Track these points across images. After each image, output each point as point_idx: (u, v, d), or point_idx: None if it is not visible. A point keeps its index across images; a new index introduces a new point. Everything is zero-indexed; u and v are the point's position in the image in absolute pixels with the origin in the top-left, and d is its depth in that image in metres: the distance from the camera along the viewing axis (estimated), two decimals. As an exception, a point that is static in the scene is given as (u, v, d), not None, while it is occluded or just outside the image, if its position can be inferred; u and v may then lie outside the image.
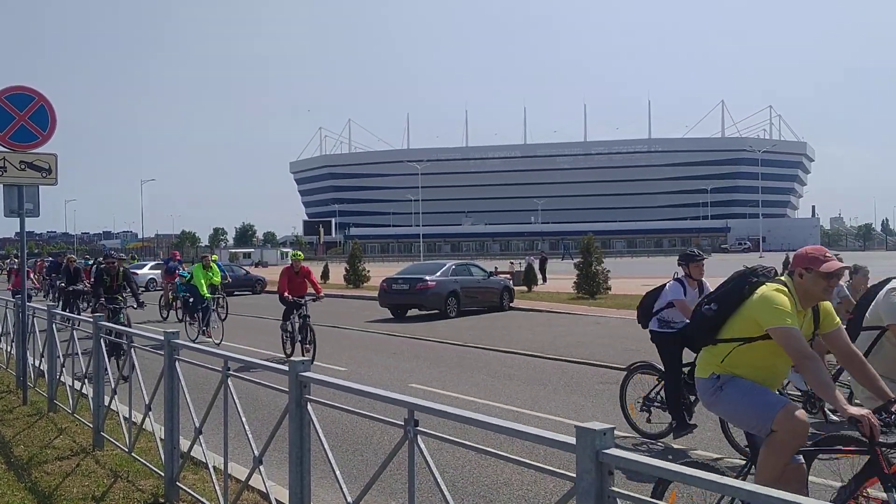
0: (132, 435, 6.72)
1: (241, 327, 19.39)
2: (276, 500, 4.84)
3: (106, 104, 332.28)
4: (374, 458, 6.93)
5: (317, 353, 13.02)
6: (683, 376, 7.34)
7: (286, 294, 13.50)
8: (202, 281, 16.56)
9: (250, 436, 4.95)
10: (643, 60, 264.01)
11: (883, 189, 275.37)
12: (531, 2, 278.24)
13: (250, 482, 5.12)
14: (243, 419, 5.01)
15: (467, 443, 3.50)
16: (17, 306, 10.56)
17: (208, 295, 16.46)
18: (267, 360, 6.13)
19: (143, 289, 30.24)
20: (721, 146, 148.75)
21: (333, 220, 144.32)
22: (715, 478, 2.45)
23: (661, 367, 7.66)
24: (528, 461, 3.09)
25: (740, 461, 6.32)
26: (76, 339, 8.87)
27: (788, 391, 7.65)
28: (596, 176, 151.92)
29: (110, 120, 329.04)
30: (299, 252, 14.35)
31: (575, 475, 2.70)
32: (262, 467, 4.79)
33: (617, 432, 2.78)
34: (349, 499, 3.99)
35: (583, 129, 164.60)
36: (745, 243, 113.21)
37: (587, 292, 26.22)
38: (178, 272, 21.79)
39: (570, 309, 22.93)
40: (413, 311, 22.40)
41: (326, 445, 4.22)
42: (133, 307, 13.05)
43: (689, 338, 4.82)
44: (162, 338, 5.96)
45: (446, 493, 3.38)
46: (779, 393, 4.52)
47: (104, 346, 7.81)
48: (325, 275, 41.05)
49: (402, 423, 3.55)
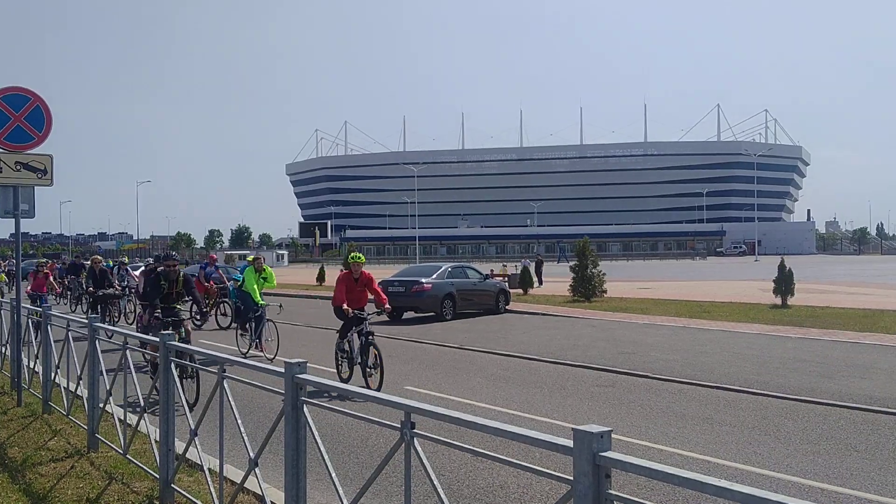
0: (127, 437, 6.70)
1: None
2: (272, 502, 4.82)
3: (101, 105, 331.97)
4: (369, 461, 6.92)
5: (315, 357, 12.50)
6: None
7: (345, 307, 10.98)
8: (254, 286, 14.38)
9: (246, 438, 4.94)
10: (640, 64, 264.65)
11: (878, 193, 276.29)
12: (528, 4, 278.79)
13: (246, 484, 5.11)
14: (239, 421, 4.99)
15: (464, 445, 3.49)
16: (13, 308, 10.52)
17: (262, 302, 14.27)
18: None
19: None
20: (717, 150, 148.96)
21: (329, 222, 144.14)
22: (711, 480, 2.44)
23: None
24: (525, 464, 3.08)
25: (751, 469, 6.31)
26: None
27: None
28: (592, 179, 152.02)
29: (106, 121, 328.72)
30: (359, 254, 11.50)
31: (572, 478, 2.70)
32: (257, 469, 4.78)
33: (614, 436, 2.78)
34: (345, 501, 3.98)
35: (579, 132, 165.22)
36: (741, 247, 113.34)
37: (583, 295, 26.21)
38: (214, 276, 20.96)
39: (566, 312, 22.93)
40: (409, 314, 22.38)
41: (322, 448, 4.21)
42: (196, 322, 11.02)
43: None
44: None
45: (443, 495, 3.37)
46: None
47: (163, 368, 6.19)
48: (321, 277, 41.05)
49: (399, 426, 3.54)
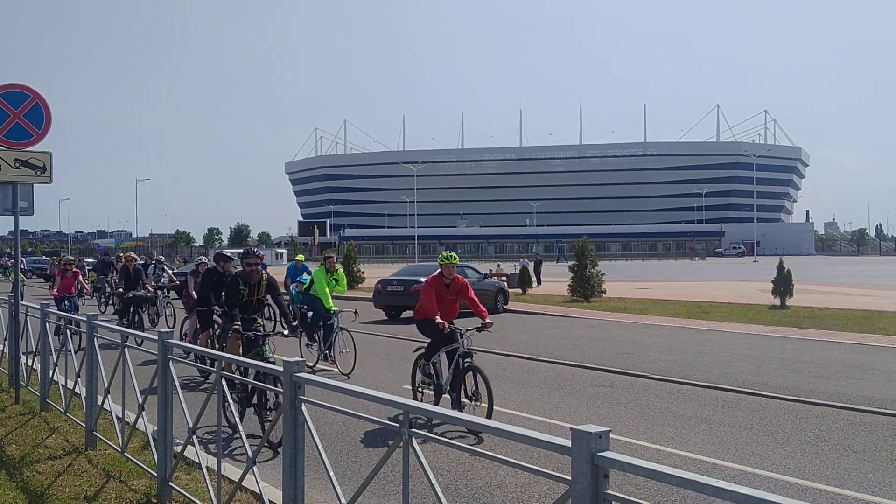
0: (125, 435, 6.69)
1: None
2: (270, 500, 4.82)
3: (100, 103, 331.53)
4: (368, 460, 6.92)
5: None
6: None
7: (439, 320, 8.57)
8: (326, 290, 12.60)
9: (244, 436, 4.93)
10: (639, 64, 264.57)
11: (877, 194, 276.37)
12: (528, 4, 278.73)
13: (244, 483, 5.11)
14: (238, 419, 4.99)
15: (462, 444, 3.49)
16: (11, 305, 10.50)
17: (335, 308, 12.41)
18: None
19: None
20: (716, 150, 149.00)
21: (328, 220, 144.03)
22: (709, 481, 2.44)
23: None
24: (523, 463, 3.08)
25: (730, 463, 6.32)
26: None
27: None
28: (591, 179, 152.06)
29: (105, 119, 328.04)
30: (452, 253, 9.22)
31: (570, 478, 2.70)
32: (255, 468, 4.78)
33: (612, 436, 2.78)
34: (343, 500, 3.98)
35: (578, 131, 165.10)
36: (740, 248, 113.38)
37: (581, 295, 26.22)
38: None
39: (565, 311, 22.94)
40: (408, 313, 22.35)
41: (321, 446, 4.21)
42: (284, 334, 8.43)
43: None
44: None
45: (440, 495, 3.37)
46: None
47: (228, 394, 5.41)
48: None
49: (397, 425, 3.54)
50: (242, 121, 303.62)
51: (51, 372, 9.08)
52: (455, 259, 9.08)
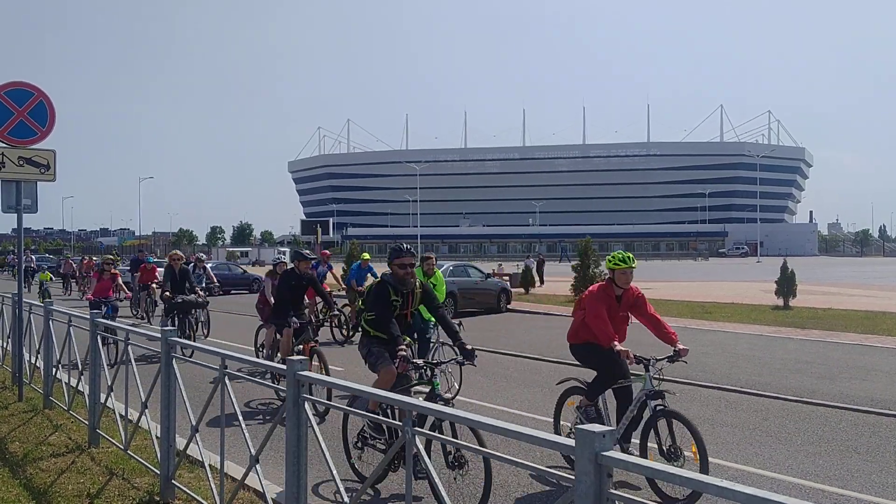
0: (128, 432, 6.70)
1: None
2: (272, 499, 4.82)
3: (104, 101, 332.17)
4: (370, 458, 6.92)
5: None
6: None
7: (618, 347, 6.38)
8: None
9: (247, 434, 4.94)
10: (643, 64, 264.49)
11: (880, 195, 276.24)
12: (531, 4, 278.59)
13: (246, 481, 5.11)
14: (240, 417, 5.00)
15: (465, 444, 3.49)
16: (15, 303, 10.52)
17: (433, 319, 9.77)
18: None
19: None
20: (719, 150, 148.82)
21: (331, 219, 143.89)
22: (713, 480, 2.44)
23: None
24: (526, 462, 3.08)
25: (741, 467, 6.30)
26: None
27: None
28: (594, 179, 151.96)
29: (108, 117, 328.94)
30: (628, 254, 6.86)
31: (574, 477, 2.70)
32: (258, 466, 4.78)
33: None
34: (346, 499, 3.98)
35: (581, 131, 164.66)
36: (743, 248, 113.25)
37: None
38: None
39: (568, 311, 22.89)
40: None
41: (324, 445, 4.21)
42: (463, 362, 6.56)
43: None
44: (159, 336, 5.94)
45: (443, 493, 3.37)
46: None
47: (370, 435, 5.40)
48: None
49: (400, 424, 3.54)
50: (246, 120, 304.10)
51: (54, 370, 9.09)
52: (633, 262, 6.65)
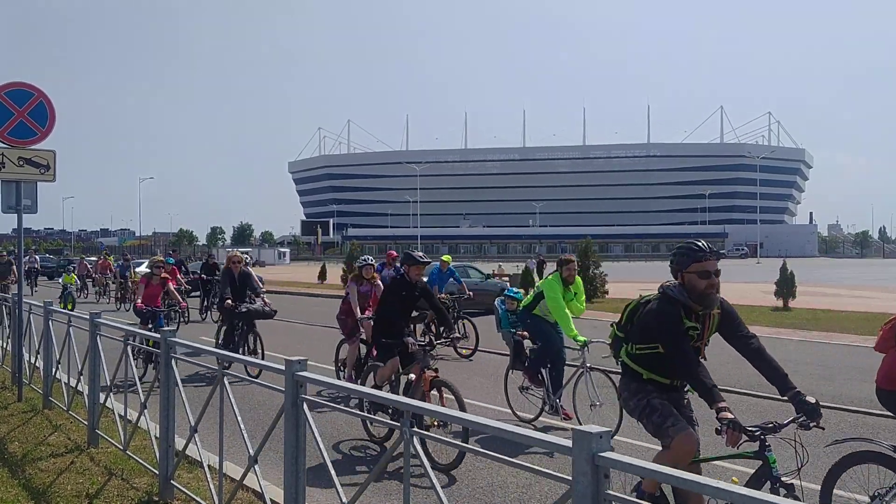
0: (127, 433, 6.70)
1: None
2: (271, 499, 4.83)
3: (104, 102, 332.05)
4: (369, 459, 6.92)
5: (312, 353, 11.92)
6: None
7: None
8: (564, 311, 8.39)
9: (245, 435, 4.94)
10: (643, 65, 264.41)
11: (881, 197, 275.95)
12: (532, 4, 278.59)
13: (245, 481, 5.11)
14: (239, 418, 5.00)
15: (463, 444, 3.50)
16: (15, 303, 10.52)
17: (582, 337, 8.11)
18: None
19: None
20: (720, 151, 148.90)
21: (331, 220, 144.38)
22: (710, 482, 2.44)
23: None
24: (524, 464, 3.08)
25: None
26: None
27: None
28: (594, 180, 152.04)
29: (109, 117, 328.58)
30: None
31: (571, 478, 2.70)
32: (257, 467, 4.78)
33: (618, 437, 2.78)
34: (344, 499, 3.98)
35: (582, 132, 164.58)
36: (743, 249, 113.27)
37: (584, 295, 26.23)
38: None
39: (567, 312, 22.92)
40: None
41: (322, 445, 4.22)
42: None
43: None
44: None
45: (441, 494, 3.38)
46: None
47: None
48: (322, 275, 41.08)
49: (399, 424, 3.54)
50: (246, 120, 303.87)
51: (53, 370, 9.10)
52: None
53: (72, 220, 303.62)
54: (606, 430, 2.69)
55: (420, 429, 3.82)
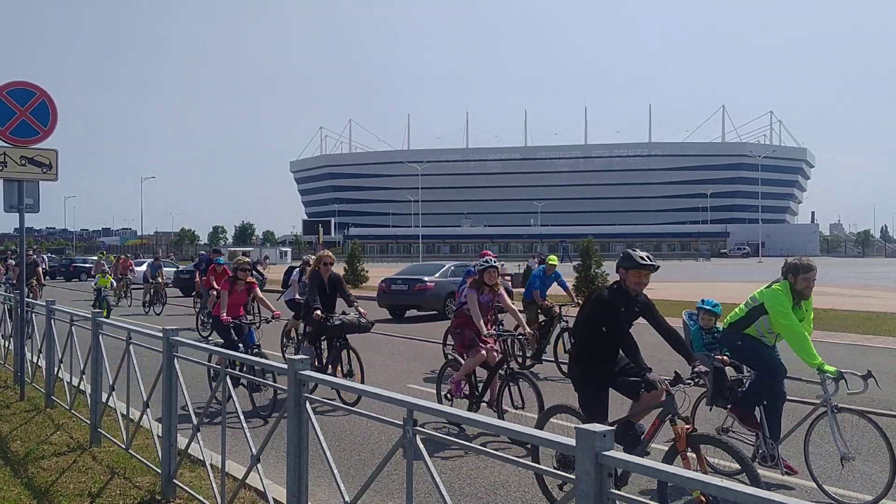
0: (129, 432, 6.71)
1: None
2: (274, 498, 4.83)
3: (106, 101, 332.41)
4: (371, 458, 6.92)
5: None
6: None
7: None
8: (801, 333, 6.39)
9: (248, 434, 4.94)
10: (644, 64, 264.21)
11: (882, 196, 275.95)
12: (533, 4, 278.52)
13: (247, 480, 5.11)
14: (241, 417, 5.00)
15: (466, 443, 3.49)
16: (17, 302, 10.52)
17: (830, 368, 6.27)
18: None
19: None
20: (721, 151, 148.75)
21: (333, 219, 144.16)
22: (714, 480, 2.44)
23: None
24: (527, 462, 3.08)
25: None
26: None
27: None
28: (596, 179, 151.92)
29: (110, 117, 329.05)
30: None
31: (574, 477, 2.70)
32: (259, 466, 4.78)
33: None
34: (346, 498, 3.98)
35: (583, 132, 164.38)
36: (744, 248, 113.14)
37: (586, 295, 26.22)
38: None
39: (569, 312, 22.91)
40: (412, 312, 22.38)
41: (325, 444, 4.21)
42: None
43: None
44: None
45: (444, 493, 3.37)
46: None
47: None
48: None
49: (401, 423, 3.54)
50: (248, 119, 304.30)
51: (56, 369, 9.10)
52: None
53: (73, 220, 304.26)
54: (610, 429, 2.68)
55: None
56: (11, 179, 9.30)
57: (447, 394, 8.46)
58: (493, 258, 8.83)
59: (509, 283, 28.27)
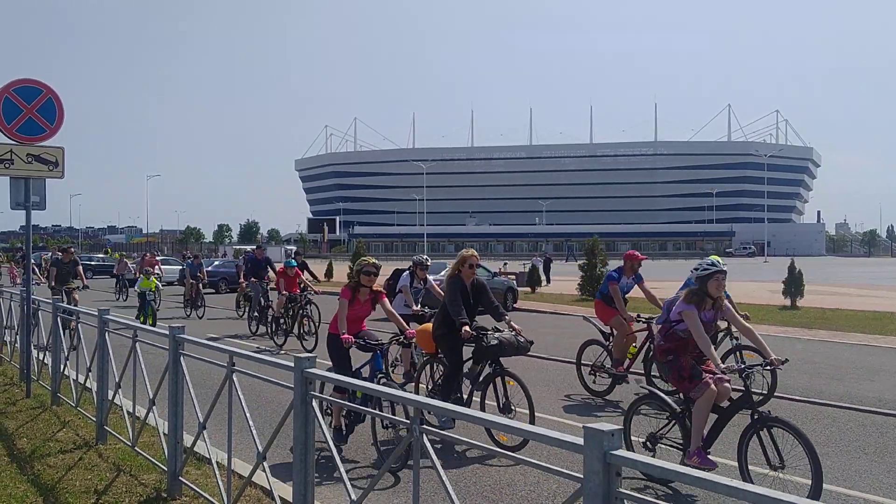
0: (135, 429, 6.72)
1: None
2: (280, 496, 4.82)
3: (112, 99, 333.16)
4: (379, 456, 6.91)
5: (319, 351, 11.80)
6: None
7: None
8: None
9: (254, 432, 4.94)
10: (650, 63, 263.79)
11: (889, 196, 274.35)
12: (539, 3, 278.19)
13: (253, 478, 5.11)
14: (247, 415, 5.00)
15: (473, 441, 3.48)
16: (23, 299, 10.53)
17: None
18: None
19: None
20: (727, 150, 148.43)
21: (338, 218, 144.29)
22: (722, 480, 2.42)
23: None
24: (534, 461, 3.07)
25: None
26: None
27: None
28: (601, 178, 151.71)
29: (117, 115, 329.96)
30: None
31: (582, 476, 2.69)
32: (265, 463, 4.78)
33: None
34: (353, 496, 3.98)
35: (589, 130, 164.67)
36: (750, 248, 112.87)
37: (591, 294, 26.15)
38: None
39: (574, 310, 22.88)
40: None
41: (331, 443, 4.21)
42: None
43: None
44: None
45: (451, 491, 3.36)
46: None
47: None
48: (328, 273, 41.11)
49: (408, 422, 3.53)
50: (253, 118, 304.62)
51: (62, 366, 9.12)
52: None
53: (79, 218, 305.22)
54: (618, 428, 2.67)
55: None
56: (18, 177, 9.32)
57: (646, 442, 6.62)
58: (717, 262, 6.45)
59: (514, 281, 28.34)
